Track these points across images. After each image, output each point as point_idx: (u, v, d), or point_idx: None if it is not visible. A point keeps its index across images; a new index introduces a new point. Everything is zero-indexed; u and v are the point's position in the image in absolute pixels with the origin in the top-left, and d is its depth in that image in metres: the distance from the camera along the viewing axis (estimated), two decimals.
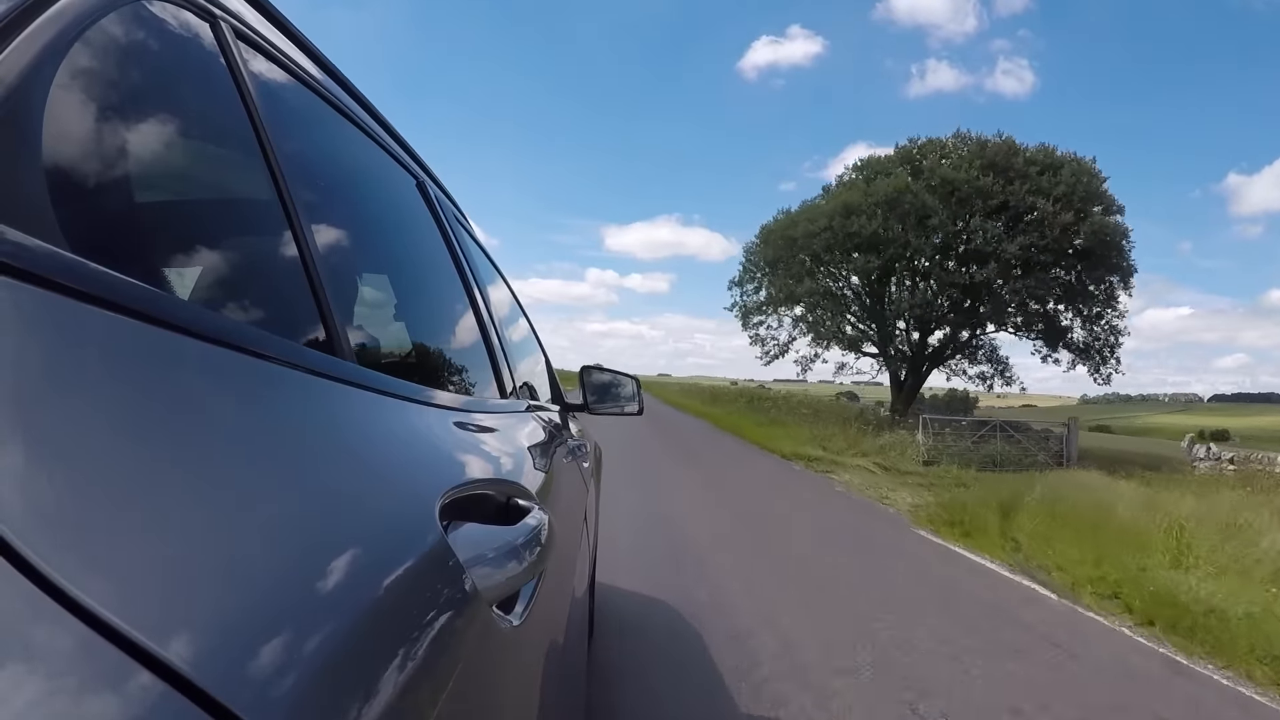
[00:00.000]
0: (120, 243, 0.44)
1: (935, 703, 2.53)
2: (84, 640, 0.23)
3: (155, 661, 0.24)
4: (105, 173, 0.42)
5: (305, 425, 0.47)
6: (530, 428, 1.25)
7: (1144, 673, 3.01)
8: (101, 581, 0.25)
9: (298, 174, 0.62)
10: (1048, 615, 3.74)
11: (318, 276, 0.59)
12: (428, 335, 1.12)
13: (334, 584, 0.37)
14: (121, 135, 0.44)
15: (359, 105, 0.93)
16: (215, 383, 0.40)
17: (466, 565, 0.52)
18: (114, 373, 0.32)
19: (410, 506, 0.52)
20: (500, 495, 0.75)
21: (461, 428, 0.79)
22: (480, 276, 1.41)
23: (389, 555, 0.44)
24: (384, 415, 0.61)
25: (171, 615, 0.27)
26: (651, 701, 2.45)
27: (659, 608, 3.40)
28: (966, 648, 3.11)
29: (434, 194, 1.23)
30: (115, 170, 0.44)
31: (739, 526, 5.55)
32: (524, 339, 2.03)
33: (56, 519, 0.25)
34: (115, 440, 0.30)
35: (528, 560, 0.68)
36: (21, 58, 0.34)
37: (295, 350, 0.53)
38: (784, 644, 3.02)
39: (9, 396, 0.27)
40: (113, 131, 0.43)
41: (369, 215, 0.95)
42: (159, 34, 0.49)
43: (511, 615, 0.62)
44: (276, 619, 0.31)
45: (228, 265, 0.59)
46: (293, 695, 0.29)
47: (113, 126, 0.43)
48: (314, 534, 0.39)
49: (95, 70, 0.41)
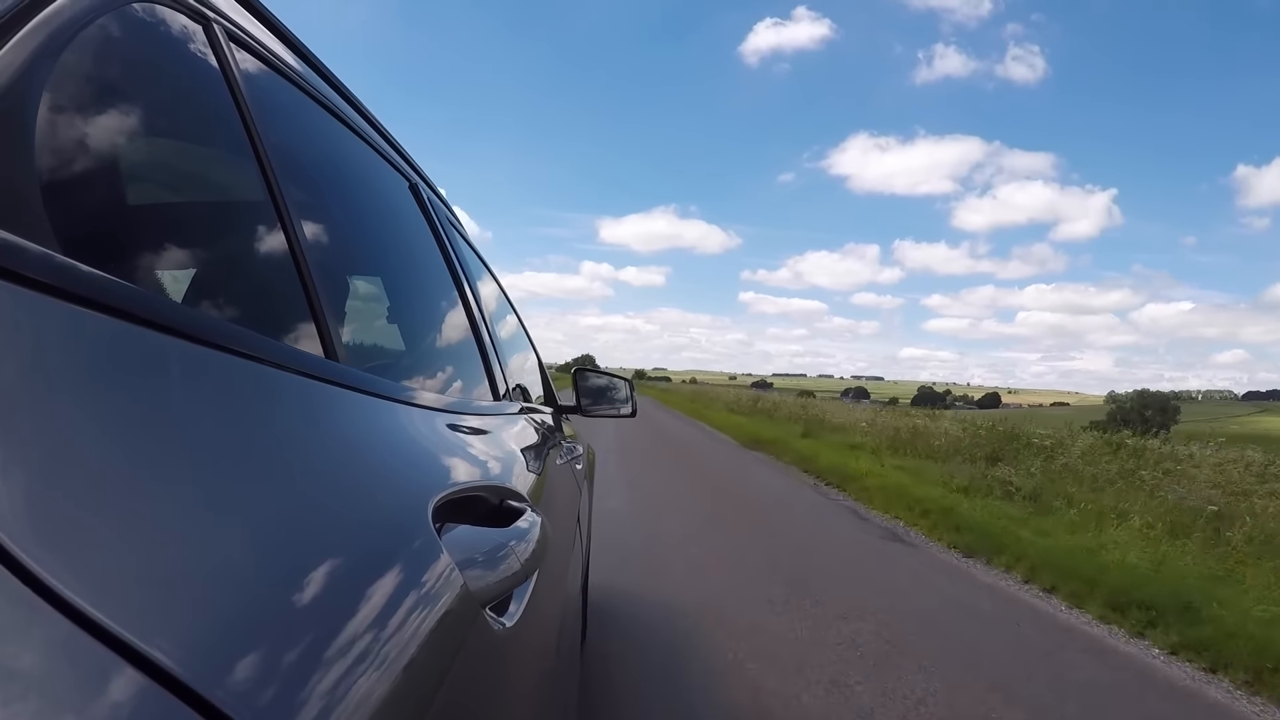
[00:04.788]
0: (113, 244, 0.44)
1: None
2: (78, 642, 0.23)
3: (148, 663, 0.24)
4: (98, 175, 0.42)
5: (298, 427, 0.47)
6: (523, 430, 1.25)
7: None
8: (92, 583, 0.25)
9: (291, 176, 0.62)
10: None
11: (310, 279, 0.59)
12: (421, 337, 1.12)
13: (326, 586, 0.37)
14: (115, 137, 0.44)
15: (352, 108, 0.93)
16: (207, 385, 0.40)
17: (459, 567, 0.52)
18: (104, 374, 0.32)
19: (403, 509, 0.52)
20: (493, 497, 0.75)
21: (454, 430, 0.79)
22: (473, 278, 1.41)
23: (381, 557, 0.44)
24: (377, 417, 0.61)
25: (165, 618, 0.27)
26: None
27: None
28: None
29: (427, 196, 1.23)
30: (108, 172, 0.43)
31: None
32: (517, 340, 2.03)
33: (49, 520, 0.25)
34: (105, 442, 0.30)
35: (521, 562, 0.68)
36: (15, 59, 0.34)
37: (289, 353, 0.53)
38: None
39: (1, 399, 0.27)
40: (106, 134, 0.43)
41: (362, 218, 0.95)
42: (152, 36, 0.49)
43: (505, 617, 0.62)
44: (269, 621, 0.31)
45: (220, 267, 0.59)
46: (286, 697, 0.29)
47: (106, 129, 0.43)
48: (307, 536, 0.39)
49: (88, 72, 0.41)
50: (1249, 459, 6.81)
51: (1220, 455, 7.06)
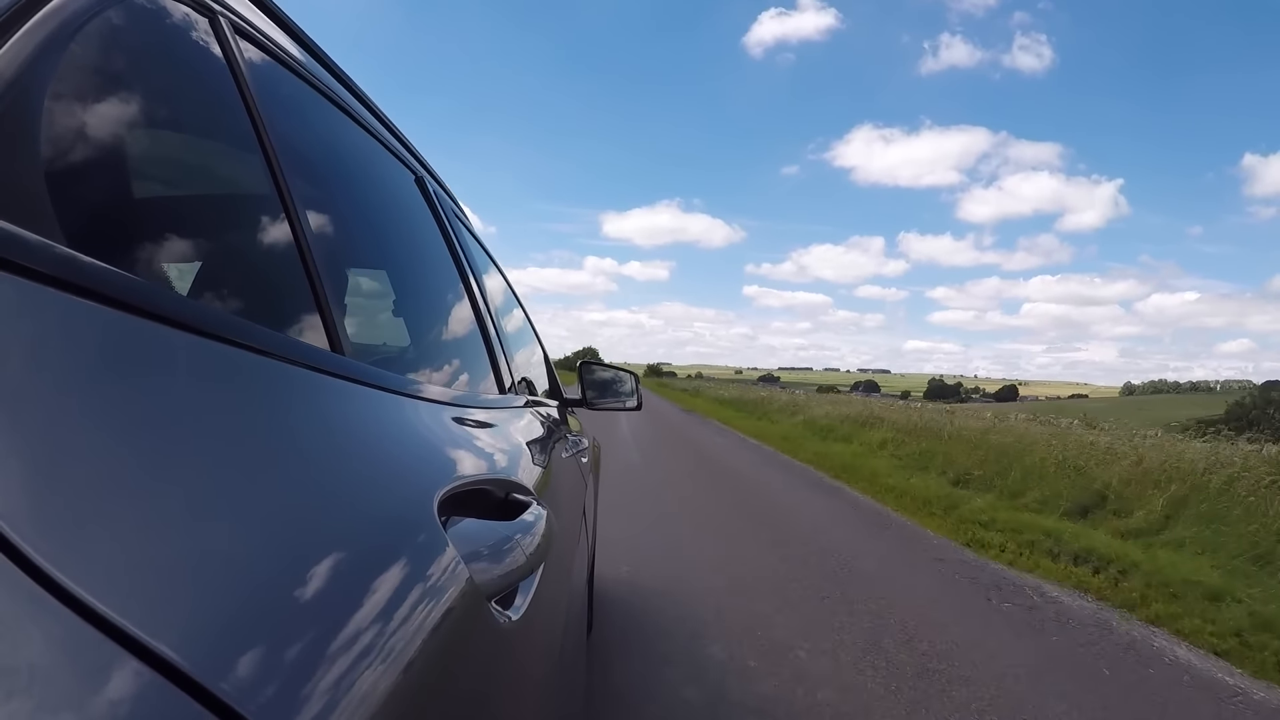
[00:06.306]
0: (118, 237, 0.44)
1: None
2: (84, 636, 0.23)
3: (155, 657, 0.24)
4: (104, 167, 0.42)
5: (304, 420, 0.47)
6: (529, 423, 1.25)
7: None
8: (98, 577, 0.25)
9: (296, 169, 0.62)
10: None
11: (316, 272, 0.59)
12: (426, 331, 1.12)
13: (332, 579, 0.37)
14: (120, 130, 0.44)
15: (358, 100, 0.93)
16: (213, 378, 0.40)
17: (464, 560, 0.52)
18: (109, 367, 0.33)
19: (408, 502, 0.52)
20: (498, 490, 0.75)
21: (460, 423, 0.79)
22: (479, 272, 1.41)
23: (387, 551, 0.45)
24: (383, 410, 0.61)
25: (169, 611, 0.27)
26: None
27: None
28: None
29: (433, 189, 1.23)
30: (114, 165, 0.44)
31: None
32: (522, 334, 2.03)
33: (53, 514, 0.25)
34: (111, 435, 0.30)
35: (526, 555, 0.68)
36: (21, 51, 0.34)
37: (295, 345, 0.53)
38: None
39: (3, 391, 0.27)
40: (111, 126, 0.43)
41: (368, 211, 0.95)
42: (158, 29, 0.49)
43: (510, 610, 0.62)
44: (275, 614, 0.32)
45: (226, 261, 0.59)
46: (291, 690, 0.29)
47: (112, 122, 0.43)
48: (313, 529, 0.39)
49: (94, 65, 0.41)
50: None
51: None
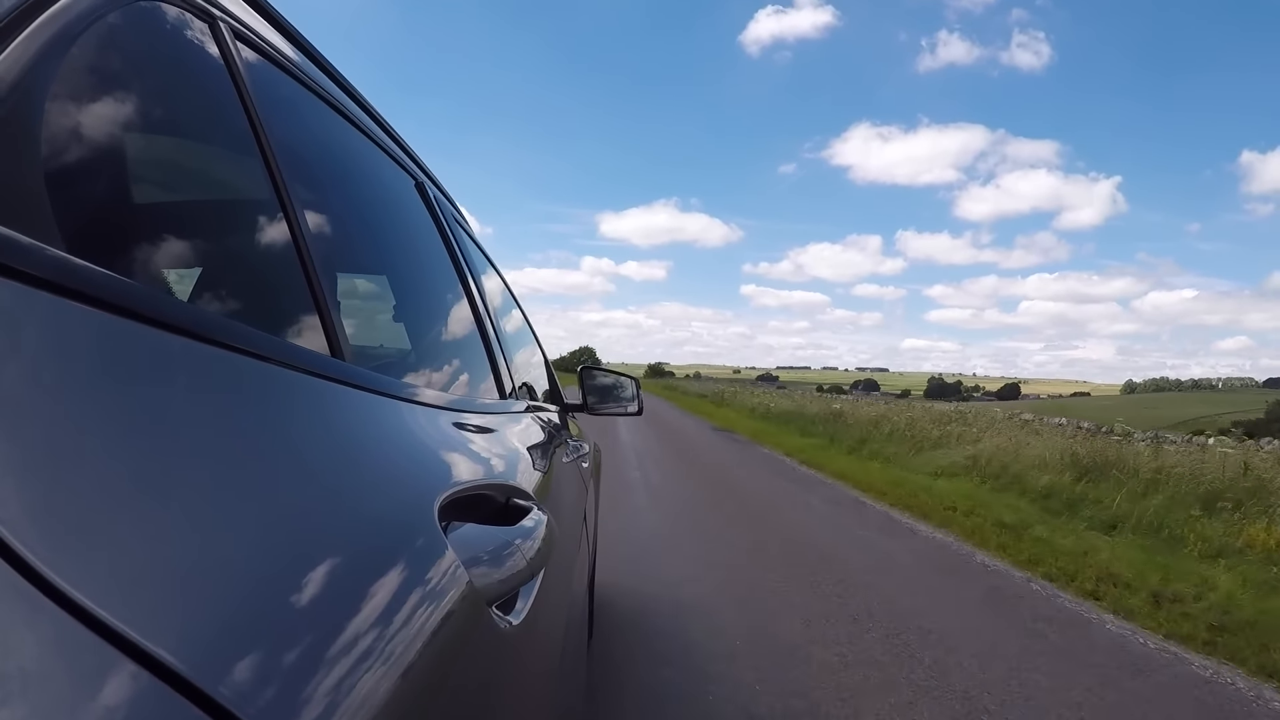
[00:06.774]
0: (119, 242, 0.44)
1: None
2: (83, 641, 0.23)
3: (152, 661, 0.24)
4: (104, 173, 0.42)
5: (303, 426, 0.47)
6: (529, 428, 1.25)
7: None
8: (97, 582, 0.25)
9: (297, 174, 0.62)
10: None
11: (316, 277, 0.59)
12: (427, 336, 1.12)
13: (332, 584, 0.37)
14: (120, 135, 0.44)
15: (358, 105, 0.93)
16: (213, 383, 0.40)
17: (465, 565, 0.52)
18: (108, 372, 0.32)
19: (408, 507, 0.52)
20: (499, 495, 0.75)
21: (460, 428, 0.79)
22: (479, 277, 1.41)
23: (387, 556, 0.44)
24: (383, 415, 0.61)
25: (168, 615, 0.26)
26: None
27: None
28: None
29: (433, 194, 1.23)
30: (114, 170, 0.44)
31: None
32: (522, 338, 2.03)
33: (52, 518, 0.25)
34: (110, 439, 0.30)
35: (526, 560, 0.68)
36: (21, 57, 0.34)
37: (295, 351, 0.53)
38: None
39: (3, 396, 0.27)
40: (111, 131, 0.43)
41: (368, 216, 0.95)
42: (158, 34, 0.49)
43: (510, 615, 0.62)
44: (274, 619, 0.31)
45: (226, 266, 0.59)
46: (291, 695, 0.29)
47: (111, 126, 0.43)
48: (312, 534, 0.39)
49: (94, 70, 0.41)
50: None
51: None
